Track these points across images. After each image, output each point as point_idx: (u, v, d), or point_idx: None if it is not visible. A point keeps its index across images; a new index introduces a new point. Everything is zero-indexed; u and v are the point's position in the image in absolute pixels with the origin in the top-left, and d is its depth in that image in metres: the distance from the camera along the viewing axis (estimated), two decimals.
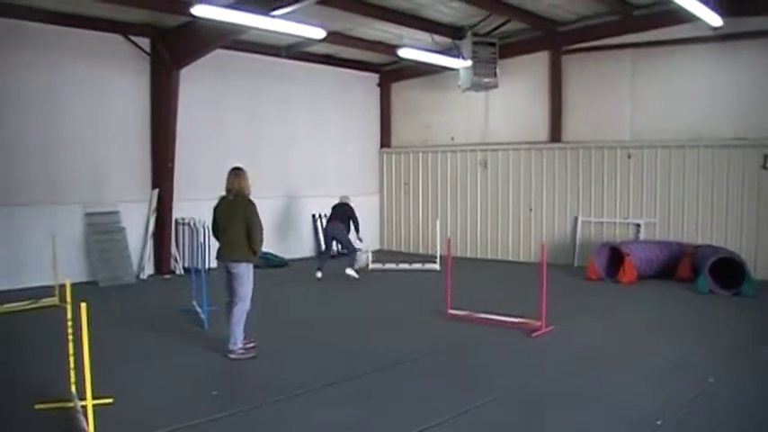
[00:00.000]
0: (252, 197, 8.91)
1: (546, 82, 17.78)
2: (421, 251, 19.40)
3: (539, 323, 10.20)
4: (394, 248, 20.37)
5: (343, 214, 15.33)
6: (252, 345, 8.99)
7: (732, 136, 15.38)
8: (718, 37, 15.15)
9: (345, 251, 15.63)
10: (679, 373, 8.14)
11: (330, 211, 15.60)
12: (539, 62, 17.80)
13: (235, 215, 8.70)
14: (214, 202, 9.10)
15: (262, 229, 8.76)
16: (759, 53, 15.11)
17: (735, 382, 7.80)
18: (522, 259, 18.02)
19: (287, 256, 17.48)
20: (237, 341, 8.81)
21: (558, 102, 17.63)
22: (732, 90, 15.36)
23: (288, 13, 12.51)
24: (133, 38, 14.93)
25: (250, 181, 8.90)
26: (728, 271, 13.54)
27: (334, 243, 15.52)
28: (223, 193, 8.93)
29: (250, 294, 8.85)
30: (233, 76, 16.81)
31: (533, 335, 10.00)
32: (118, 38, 14.76)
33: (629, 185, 16.72)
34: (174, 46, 14.88)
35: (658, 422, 6.36)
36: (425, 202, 20.05)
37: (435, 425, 6.50)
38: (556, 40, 17.35)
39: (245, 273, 8.78)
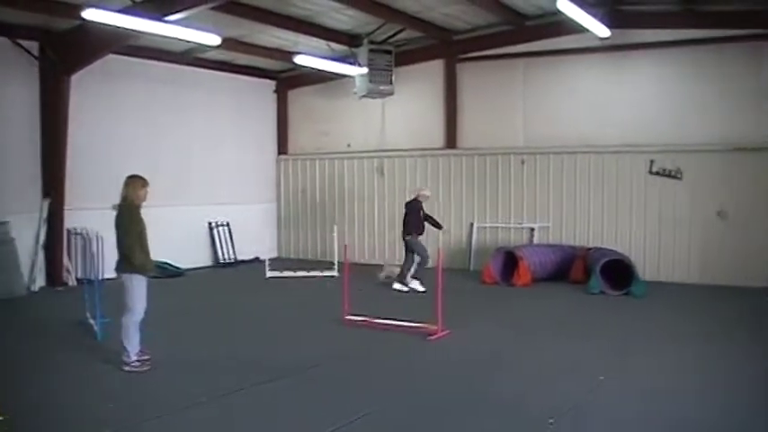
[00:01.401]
0: (147, 205, 8.80)
1: (441, 89, 18.21)
2: (319, 258, 19.46)
3: (435, 327, 10.41)
4: (292, 256, 20.35)
5: (405, 215, 14.85)
6: (147, 357, 8.78)
7: (620, 142, 16.14)
8: (607, 48, 15.92)
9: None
10: (571, 372, 8.46)
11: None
12: (434, 70, 18.24)
13: (120, 224, 8.57)
14: (108, 212, 8.89)
15: (139, 237, 8.54)
16: (645, 63, 15.98)
17: (624, 380, 8.15)
18: None
19: (184, 265, 17.23)
20: (130, 353, 8.60)
21: (453, 109, 18.05)
22: (620, 98, 16.13)
23: (182, 18, 12.39)
24: (20, 42, 14.47)
25: (144, 189, 8.75)
26: (619, 272, 14.19)
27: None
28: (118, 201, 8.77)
29: (138, 306, 8.60)
30: (128, 82, 16.46)
31: (430, 339, 10.22)
32: (4, 41, 14.26)
33: (523, 191, 17.30)
34: (65, 51, 14.44)
35: (551, 421, 6.60)
36: (323, 209, 20.15)
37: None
38: (451, 48, 17.80)
39: (129, 283, 8.57)
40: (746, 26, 14.92)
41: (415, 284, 14.32)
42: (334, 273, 16.39)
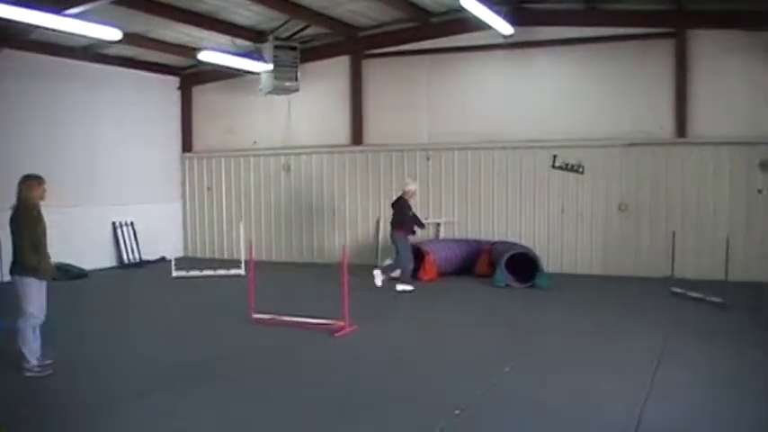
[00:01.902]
0: (49, 206, 8.53)
1: (347, 86, 18.18)
2: (226, 257, 19.24)
3: (342, 324, 10.37)
4: (199, 255, 20.02)
5: (393, 215, 14.51)
6: (48, 362, 8.48)
7: (524, 138, 16.44)
8: (510, 45, 16.20)
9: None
10: (477, 364, 8.56)
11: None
12: (340, 66, 18.18)
13: (13, 225, 8.28)
14: (7, 214, 8.51)
15: (31, 239, 8.24)
16: (548, 60, 16.33)
17: (528, 370, 8.32)
18: (327, 261, 18.16)
19: (87, 266, 16.76)
20: (30, 358, 8.31)
21: (358, 105, 18.02)
22: (524, 94, 16.45)
23: (81, 12, 11.95)
24: None
25: (41, 188, 8.46)
26: (524, 265, 14.42)
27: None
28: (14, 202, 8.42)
29: (32, 310, 8.29)
30: (25, 79, 15.82)
31: (337, 335, 10.16)
32: None
33: (429, 186, 17.37)
34: None
35: (457, 412, 6.67)
36: (229, 207, 19.85)
37: (234, 430, 6.48)
38: (356, 45, 17.76)
39: (21, 286, 8.27)
40: (646, 24, 15.55)
41: (379, 279, 14.18)
42: (241, 271, 16.10)
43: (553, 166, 16.29)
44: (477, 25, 14.76)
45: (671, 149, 15.62)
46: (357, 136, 18.10)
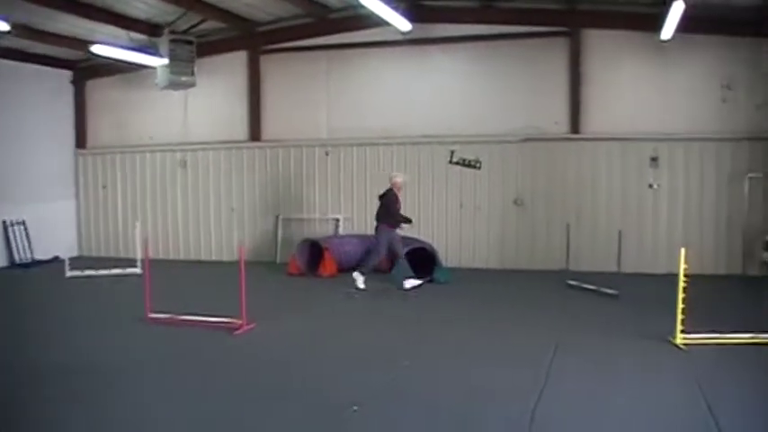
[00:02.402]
0: None
1: (245, 81, 17.85)
2: (122, 255, 18.61)
3: (240, 321, 10.18)
4: (94, 254, 19.41)
5: (379, 208, 14.01)
6: None
7: (422, 133, 16.51)
8: (408, 41, 16.15)
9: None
10: (377, 359, 8.62)
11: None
12: (237, 61, 17.86)
13: None
14: None
15: None
16: (445, 57, 16.35)
17: (427, 364, 8.40)
18: (226, 259, 17.82)
19: None
20: None
21: (256, 101, 17.69)
22: (422, 90, 16.46)
23: None
24: None
25: None
26: (422, 260, 14.46)
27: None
28: None
29: None
30: None
31: (235, 333, 9.98)
32: None
33: (328, 182, 17.26)
34: None
35: (355, 408, 6.70)
36: (125, 205, 19.31)
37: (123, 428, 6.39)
38: (254, 40, 17.43)
39: None
40: (541, 23, 15.88)
41: (360, 281, 13.71)
42: (138, 270, 15.68)
43: (451, 162, 16.35)
44: (376, 21, 14.70)
45: (565, 145, 15.90)
46: (255, 132, 17.82)
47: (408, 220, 13.87)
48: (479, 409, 6.75)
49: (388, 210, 13.58)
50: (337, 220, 16.93)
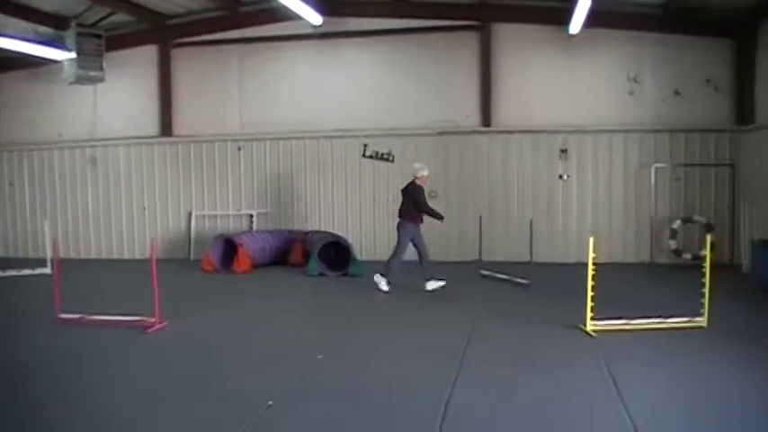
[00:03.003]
0: None
1: (155, 75, 17.43)
2: (32, 255, 18.08)
3: (153, 319, 9.89)
4: (2, 254, 18.82)
5: (403, 203, 12.65)
6: None
7: (335, 127, 16.35)
8: (321, 35, 16.06)
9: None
10: (290, 353, 8.41)
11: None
12: (148, 55, 17.45)
13: None
14: None
15: None
16: (358, 51, 16.30)
17: (341, 357, 8.31)
18: (138, 257, 17.40)
19: None
20: None
21: (168, 96, 17.29)
22: (335, 84, 16.37)
23: None
24: None
25: None
26: (337, 253, 14.39)
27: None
28: None
29: None
30: None
31: (148, 332, 9.68)
32: None
33: (241, 178, 16.99)
34: None
35: (270, 403, 6.55)
36: (34, 204, 18.70)
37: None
38: (165, 33, 17.06)
39: None
40: (452, 17, 16.01)
41: (382, 282, 12.64)
42: (47, 270, 15.16)
43: (364, 156, 16.29)
44: (287, 15, 14.54)
45: (477, 138, 15.99)
46: (167, 127, 17.40)
47: (440, 216, 12.63)
48: (393, 400, 6.71)
49: (416, 202, 12.42)
50: (251, 216, 16.65)
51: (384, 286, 12.42)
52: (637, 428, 5.92)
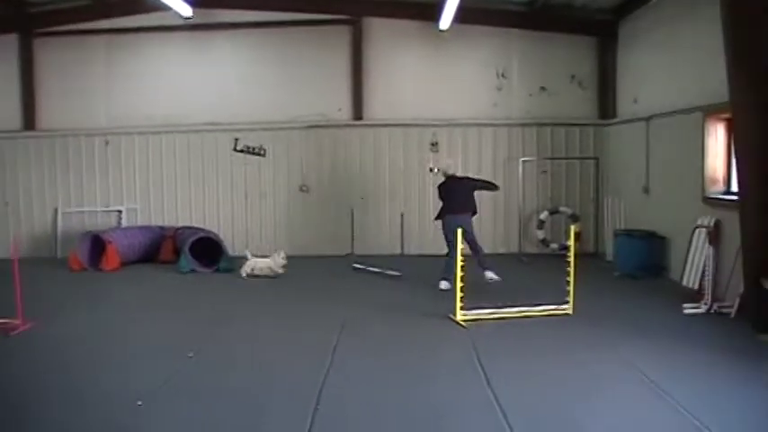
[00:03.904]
0: None
1: (17, 67, 16.60)
2: None
3: (17, 321, 9.42)
4: None
5: (466, 196, 12.03)
6: None
7: (206, 121, 15.96)
8: (191, 27, 15.55)
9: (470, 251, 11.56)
10: (161, 351, 8.28)
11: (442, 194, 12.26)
12: (8, 45, 16.47)
13: None
14: None
15: None
16: (229, 43, 15.96)
17: (213, 354, 8.29)
18: (0, 256, 17.29)
19: None
20: None
21: (30, 88, 16.43)
22: (205, 77, 15.92)
23: None
24: None
25: None
26: (208, 249, 14.08)
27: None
28: None
29: None
30: None
31: (11, 334, 9.23)
32: None
33: (109, 173, 16.27)
34: None
35: (139, 403, 6.46)
36: None
37: None
38: (27, 22, 16.24)
39: None
40: (324, 10, 16.00)
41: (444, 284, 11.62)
42: None
43: (235, 150, 15.97)
44: (156, 5, 13.97)
45: (349, 131, 15.92)
46: (29, 121, 16.47)
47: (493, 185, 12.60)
48: (265, 395, 6.74)
49: (475, 187, 12.26)
50: (120, 212, 16.19)
51: (445, 285, 11.69)
52: (505, 414, 6.13)
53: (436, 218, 12.07)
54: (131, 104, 16.14)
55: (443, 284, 11.53)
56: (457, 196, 11.83)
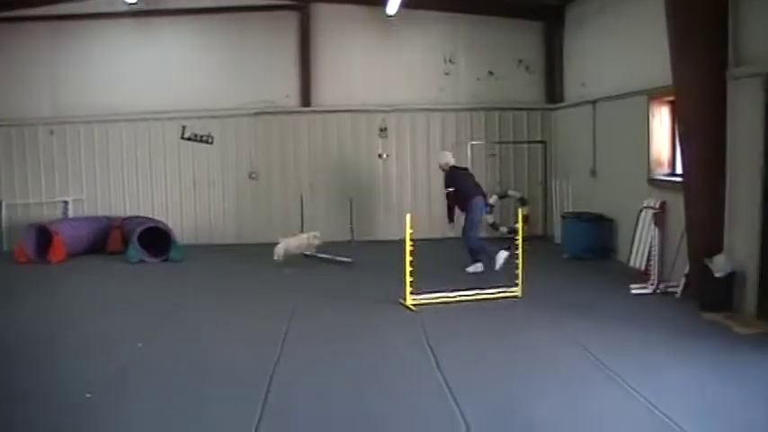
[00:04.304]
0: None
1: None
2: None
3: None
4: None
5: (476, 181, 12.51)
6: None
7: (152, 109, 15.62)
8: (136, 13, 15.23)
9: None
10: (110, 343, 8.14)
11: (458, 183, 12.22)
12: None
13: None
14: None
15: None
16: (175, 30, 15.75)
17: (163, 344, 8.17)
18: None
19: None
20: None
21: None
22: (151, 65, 15.64)
23: None
24: None
25: None
26: (157, 239, 13.88)
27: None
28: None
29: None
30: None
31: None
32: None
33: (54, 163, 15.96)
34: None
35: (88, 395, 6.34)
36: None
37: None
38: None
39: None
40: None
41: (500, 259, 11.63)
42: None
43: (182, 138, 15.74)
44: None
45: (297, 118, 15.78)
46: None
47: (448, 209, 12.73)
48: (216, 384, 6.66)
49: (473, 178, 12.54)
50: (66, 203, 15.88)
51: (478, 267, 11.85)
52: (454, 395, 6.15)
53: (459, 205, 12.18)
54: (76, 93, 15.73)
55: (479, 267, 11.77)
56: (471, 180, 12.22)
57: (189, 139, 15.41)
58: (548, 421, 5.60)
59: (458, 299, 9.60)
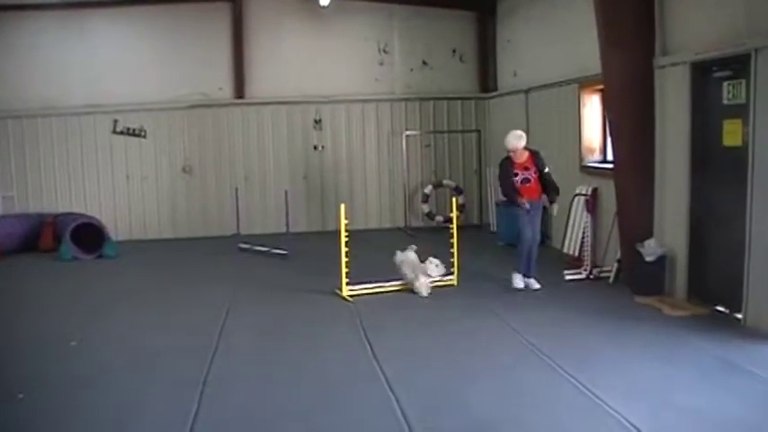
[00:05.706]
0: None
1: None
2: None
3: None
4: None
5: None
6: None
7: (84, 103, 15.11)
8: (65, 5, 14.69)
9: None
10: (43, 342, 7.89)
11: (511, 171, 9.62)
12: None
13: None
14: None
15: None
16: (105, 22, 15.27)
17: (98, 341, 7.97)
18: None
19: None
20: None
21: None
22: (82, 58, 15.09)
23: None
24: None
25: None
26: (91, 235, 13.55)
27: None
28: None
29: None
30: None
31: None
32: None
33: None
34: None
35: (20, 396, 6.19)
36: None
37: None
38: None
39: None
40: None
41: (517, 279, 9.75)
42: None
43: (114, 132, 15.30)
44: None
45: (231, 110, 15.43)
46: None
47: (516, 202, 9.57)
48: (151, 380, 6.53)
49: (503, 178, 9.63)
50: None
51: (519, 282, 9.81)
52: (390, 384, 6.17)
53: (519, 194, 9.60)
54: (4, 86, 15.11)
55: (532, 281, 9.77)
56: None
57: (121, 133, 15.02)
58: (482, 405, 5.65)
59: (394, 289, 9.64)
